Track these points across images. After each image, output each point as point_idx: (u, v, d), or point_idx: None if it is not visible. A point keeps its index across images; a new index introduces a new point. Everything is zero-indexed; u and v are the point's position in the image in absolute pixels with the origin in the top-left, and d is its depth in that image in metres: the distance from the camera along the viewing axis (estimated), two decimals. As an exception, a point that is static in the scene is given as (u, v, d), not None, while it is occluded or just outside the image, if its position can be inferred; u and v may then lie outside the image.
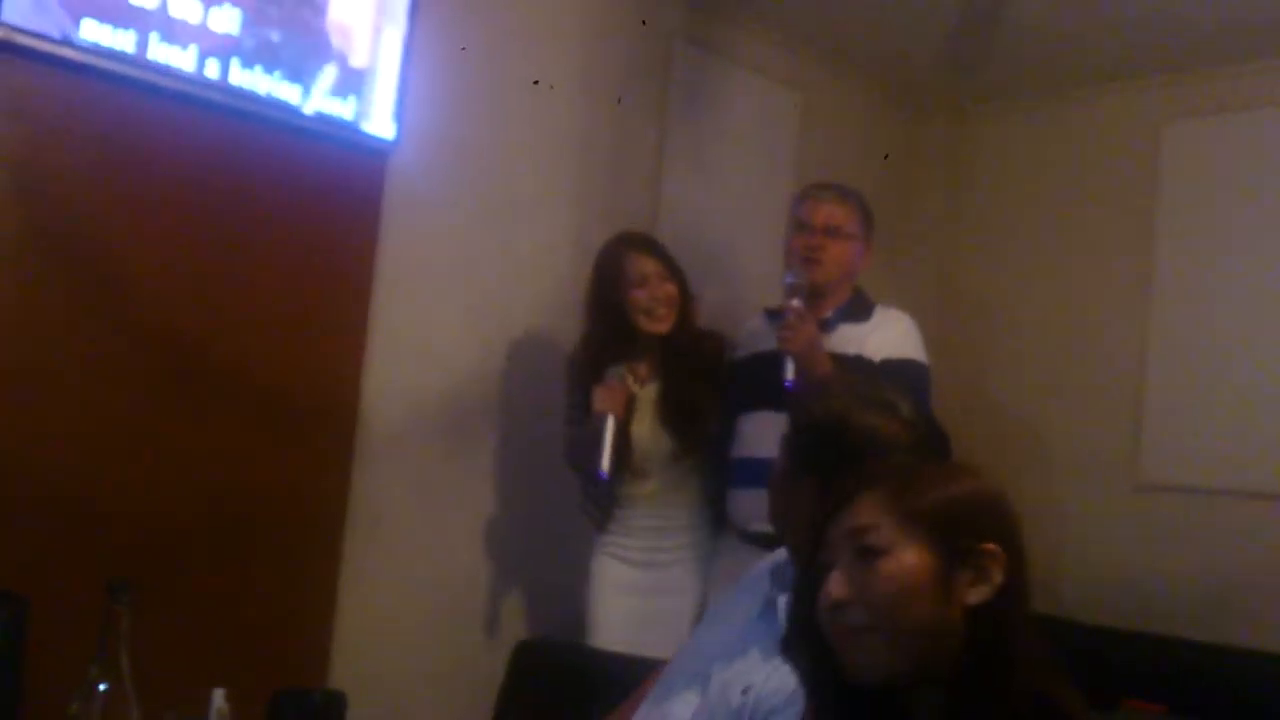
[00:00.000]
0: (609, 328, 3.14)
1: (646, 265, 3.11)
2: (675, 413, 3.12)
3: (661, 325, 3.11)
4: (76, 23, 2.71)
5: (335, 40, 3.14)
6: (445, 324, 3.46)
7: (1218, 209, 4.33)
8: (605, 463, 2.97)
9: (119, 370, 2.83)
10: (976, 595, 1.26)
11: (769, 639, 1.74)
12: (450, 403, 3.47)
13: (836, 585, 1.27)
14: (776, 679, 1.65)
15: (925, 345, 3.16)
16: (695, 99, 4.09)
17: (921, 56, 4.55)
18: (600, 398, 3.04)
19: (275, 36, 3.02)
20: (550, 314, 3.53)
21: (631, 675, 2.19)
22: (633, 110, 3.94)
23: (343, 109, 3.15)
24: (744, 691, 1.69)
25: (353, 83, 3.17)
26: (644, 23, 3.92)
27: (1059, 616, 3.97)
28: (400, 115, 3.24)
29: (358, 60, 3.17)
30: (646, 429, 3.14)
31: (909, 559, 1.25)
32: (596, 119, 3.84)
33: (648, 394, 3.17)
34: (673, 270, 3.15)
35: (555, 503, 3.42)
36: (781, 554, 1.92)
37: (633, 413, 3.11)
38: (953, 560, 1.26)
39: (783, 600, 1.75)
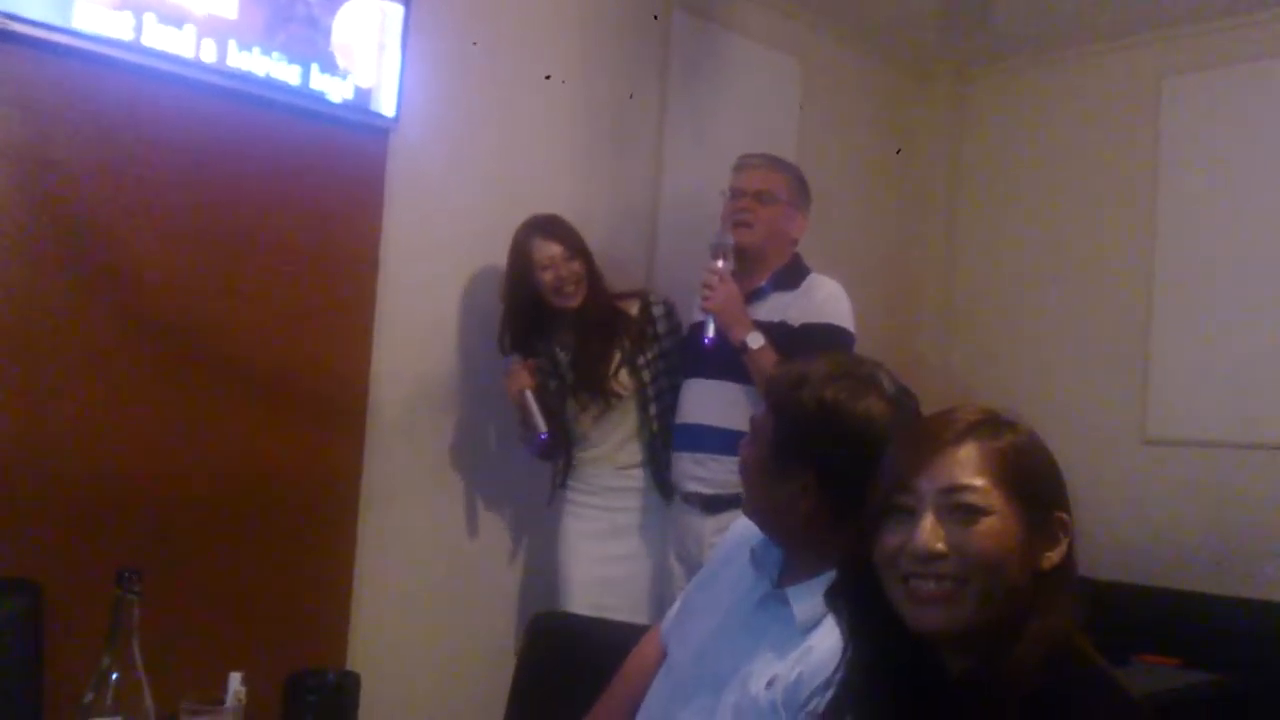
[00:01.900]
0: (525, 312, 3.31)
1: (551, 249, 3.26)
2: (578, 372, 3.32)
3: (571, 301, 3.28)
4: (71, 7, 2.69)
5: (341, 61, 3.14)
6: (451, 302, 3.47)
7: (1219, 162, 4.32)
8: (540, 423, 3.21)
9: (126, 356, 2.84)
10: (1049, 561, 1.32)
11: (778, 630, 1.72)
12: (459, 381, 3.48)
13: (934, 537, 1.30)
14: (813, 659, 1.62)
15: (852, 314, 3.16)
16: (695, 68, 4.07)
17: (921, 18, 4.53)
18: (508, 384, 3.29)
19: (271, 18, 3.00)
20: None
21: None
22: (633, 82, 3.92)
23: (342, 89, 3.14)
24: (768, 685, 1.66)
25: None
26: (656, 18, 3.92)
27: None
28: (400, 93, 3.23)
29: (364, 80, 3.18)
30: (567, 396, 3.34)
31: (1006, 522, 1.30)
32: (597, 92, 3.82)
33: (566, 362, 3.36)
34: (575, 249, 3.29)
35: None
36: (747, 532, 1.90)
37: (557, 380, 3.34)
38: (1034, 525, 1.32)
39: (792, 591, 1.73)
